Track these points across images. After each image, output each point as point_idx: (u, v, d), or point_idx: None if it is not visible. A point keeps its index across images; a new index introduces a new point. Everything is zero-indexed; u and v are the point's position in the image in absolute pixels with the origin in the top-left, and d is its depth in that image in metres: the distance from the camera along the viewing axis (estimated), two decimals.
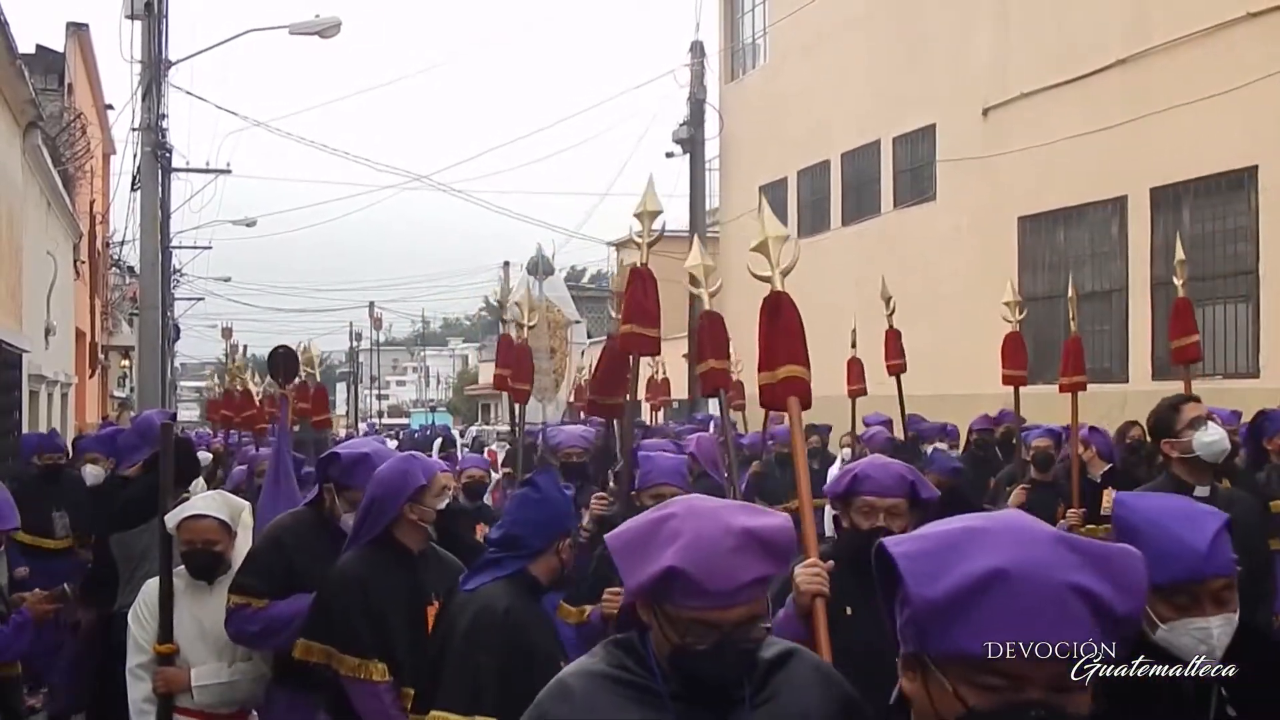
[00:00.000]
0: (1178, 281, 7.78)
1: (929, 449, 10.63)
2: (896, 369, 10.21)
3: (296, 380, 9.39)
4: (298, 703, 4.68)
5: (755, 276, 4.33)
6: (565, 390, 28.50)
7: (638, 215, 5.19)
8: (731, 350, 6.66)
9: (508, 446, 23.30)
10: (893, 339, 10.31)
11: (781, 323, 4.17)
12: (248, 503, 5.45)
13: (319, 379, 11.43)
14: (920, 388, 13.58)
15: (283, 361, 8.34)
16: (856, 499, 3.97)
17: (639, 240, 5.17)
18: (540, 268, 29.27)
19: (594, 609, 5.24)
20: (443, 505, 4.70)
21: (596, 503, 6.22)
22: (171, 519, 4.91)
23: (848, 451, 11.49)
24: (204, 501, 5.14)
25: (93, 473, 8.42)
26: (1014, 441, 8.89)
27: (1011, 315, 8.54)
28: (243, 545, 5.04)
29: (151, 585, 4.95)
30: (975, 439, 10.84)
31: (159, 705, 4.80)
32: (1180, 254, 7.83)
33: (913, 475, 4.04)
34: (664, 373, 16.21)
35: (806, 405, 4.15)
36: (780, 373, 4.11)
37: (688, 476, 5.65)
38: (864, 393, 10.86)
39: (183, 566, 4.93)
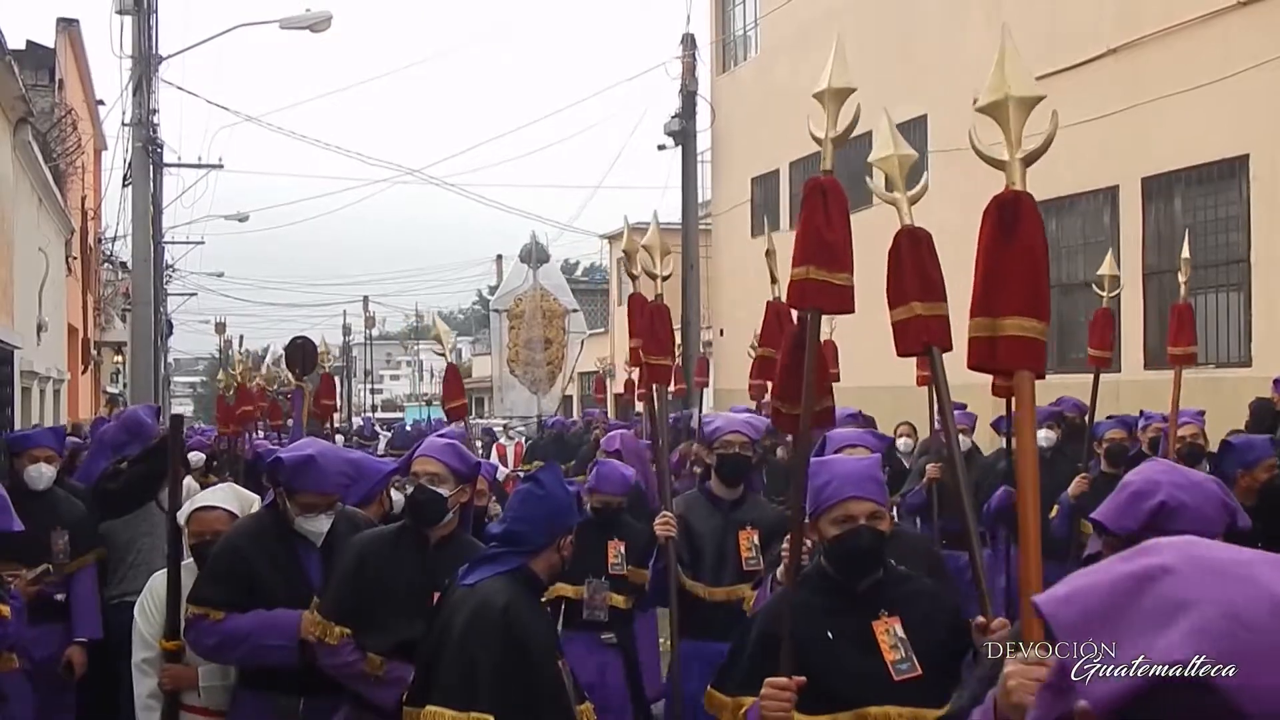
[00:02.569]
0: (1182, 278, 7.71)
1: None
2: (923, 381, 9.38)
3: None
4: (263, 706, 4.62)
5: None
6: (561, 382, 28.35)
7: (819, 95, 3.65)
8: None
9: (525, 438, 23.14)
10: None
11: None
12: (258, 496, 5.41)
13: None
14: (910, 378, 13.58)
15: (301, 353, 8.12)
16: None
17: (819, 135, 3.62)
18: (534, 255, 29.01)
19: (752, 706, 3.53)
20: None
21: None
22: (183, 512, 4.91)
23: (906, 441, 10.78)
24: (215, 494, 5.17)
25: (48, 474, 6.69)
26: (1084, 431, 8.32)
27: (1105, 290, 8.03)
28: None
29: (159, 579, 4.93)
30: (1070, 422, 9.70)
31: (165, 702, 4.77)
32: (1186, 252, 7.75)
33: (1228, 494, 2.98)
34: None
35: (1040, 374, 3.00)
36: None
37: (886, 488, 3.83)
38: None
39: (190, 561, 4.90)
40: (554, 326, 28.68)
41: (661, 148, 25.65)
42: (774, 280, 5.41)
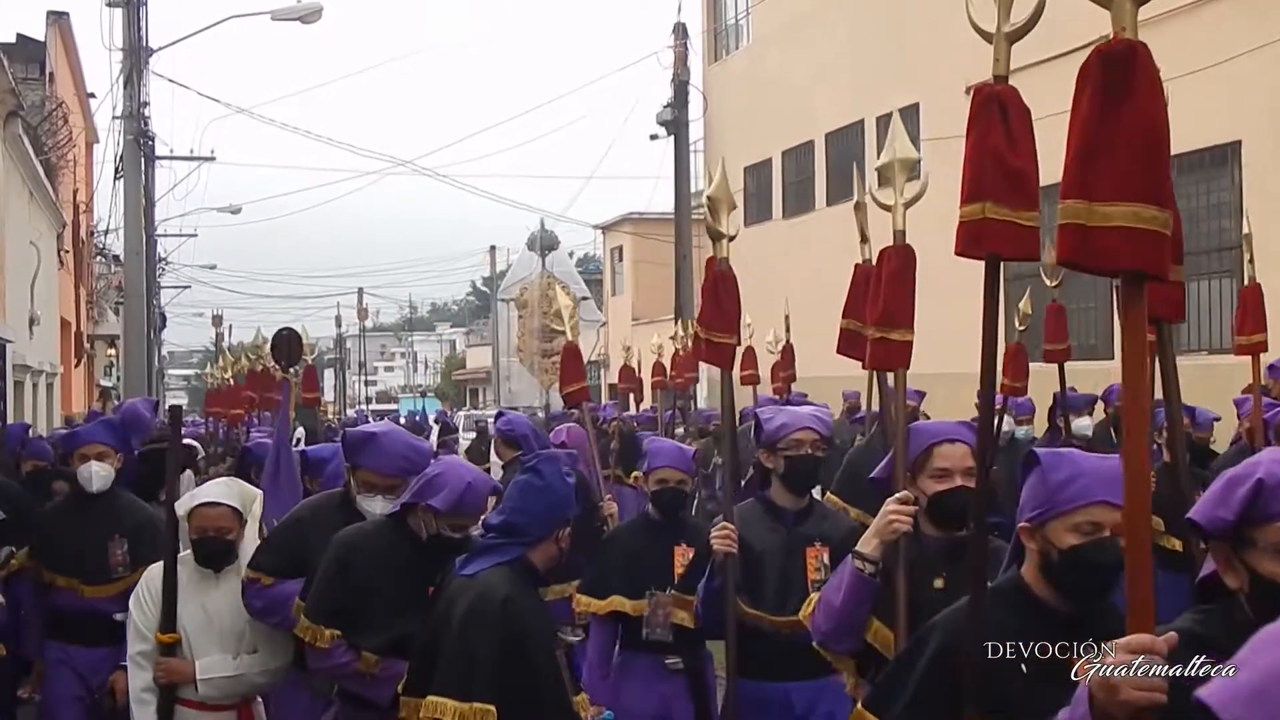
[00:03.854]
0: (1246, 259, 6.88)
1: (1078, 421, 9.22)
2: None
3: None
4: (302, 686, 4.74)
5: None
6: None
7: None
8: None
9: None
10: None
11: None
12: (260, 491, 5.34)
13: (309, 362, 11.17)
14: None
15: (286, 344, 8.02)
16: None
17: (988, 30, 2.93)
18: (541, 243, 28.59)
19: None
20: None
21: (896, 511, 3.60)
22: (182, 506, 4.80)
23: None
24: (217, 488, 5.00)
25: (102, 473, 5.88)
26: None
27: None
28: (250, 535, 4.93)
29: (154, 571, 4.81)
30: (1115, 411, 9.26)
31: (160, 695, 4.66)
32: (1247, 227, 6.86)
33: None
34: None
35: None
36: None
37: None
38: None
39: (187, 554, 4.81)
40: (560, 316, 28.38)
41: (654, 137, 25.65)
42: (864, 240, 4.68)
